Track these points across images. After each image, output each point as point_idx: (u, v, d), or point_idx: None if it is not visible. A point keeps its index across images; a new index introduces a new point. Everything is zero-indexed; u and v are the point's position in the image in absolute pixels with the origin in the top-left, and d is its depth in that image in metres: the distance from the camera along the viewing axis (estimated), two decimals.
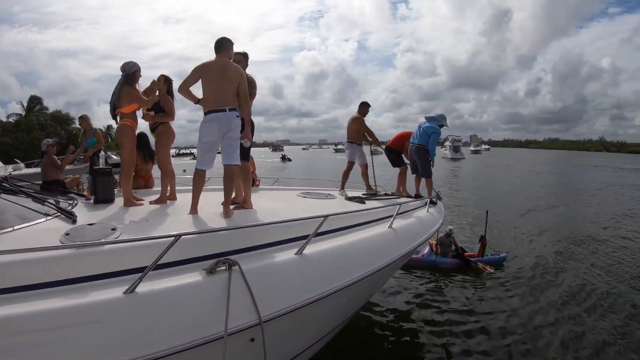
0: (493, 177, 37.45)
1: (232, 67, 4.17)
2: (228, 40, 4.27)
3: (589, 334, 5.78)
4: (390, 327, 6.06)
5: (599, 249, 10.80)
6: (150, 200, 4.73)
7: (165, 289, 2.39)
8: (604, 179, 36.73)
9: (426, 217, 5.51)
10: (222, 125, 4.04)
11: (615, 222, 15.13)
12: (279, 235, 3.37)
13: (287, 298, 2.81)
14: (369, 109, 7.35)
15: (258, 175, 7.58)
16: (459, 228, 12.22)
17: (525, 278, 8.19)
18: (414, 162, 7.14)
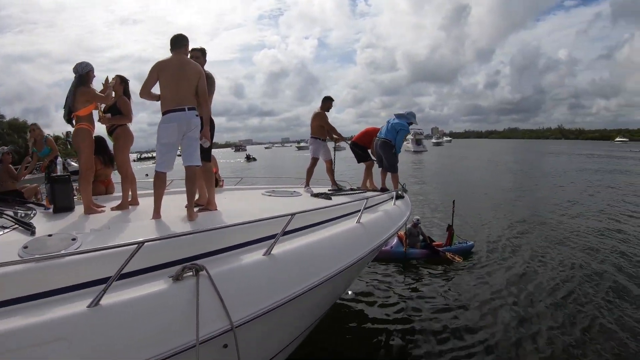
0: (455, 167, 38.52)
1: (190, 65, 4.06)
2: (185, 37, 4.17)
3: (558, 315, 6.01)
4: (362, 321, 6.08)
5: (560, 231, 11.42)
6: (112, 207, 4.58)
7: (131, 299, 2.29)
8: (562, 165, 38.28)
9: (393, 210, 5.52)
10: (181, 125, 3.92)
11: (572, 204, 16.10)
12: (246, 236, 3.31)
13: (258, 300, 2.75)
14: (332, 103, 7.29)
15: (221, 176, 7.49)
16: (426, 218, 12.53)
17: (493, 265, 8.43)
18: (380, 157, 7.18)
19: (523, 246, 9.87)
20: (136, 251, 2.39)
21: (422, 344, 5.35)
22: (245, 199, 5.60)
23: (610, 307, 6.32)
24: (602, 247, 9.79)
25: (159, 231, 3.48)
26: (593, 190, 20.49)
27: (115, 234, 3.34)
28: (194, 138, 4.04)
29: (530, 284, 7.29)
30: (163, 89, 3.99)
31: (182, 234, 2.87)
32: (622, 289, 7.03)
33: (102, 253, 2.50)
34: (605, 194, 18.96)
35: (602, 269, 8.13)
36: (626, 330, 5.57)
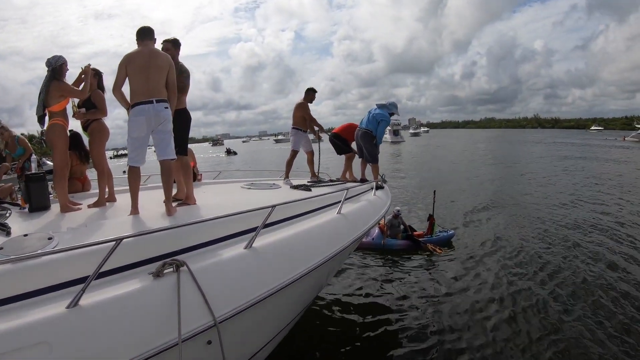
0: (433, 157, 38.97)
1: (160, 55, 3.96)
2: (152, 29, 4.08)
3: (539, 303, 6.10)
4: (345, 312, 6.11)
5: (538, 217, 11.68)
6: (89, 204, 4.48)
7: (111, 298, 2.25)
8: (538, 153, 38.96)
9: (374, 200, 5.53)
10: (150, 118, 3.82)
11: (550, 191, 16.49)
12: (227, 230, 3.28)
13: (241, 295, 2.73)
14: (315, 94, 7.23)
15: (200, 170, 7.42)
16: (406, 208, 12.68)
17: (474, 253, 8.56)
18: (360, 147, 7.18)
19: (502, 233, 10.06)
20: (114, 248, 2.35)
21: (404, 334, 5.40)
22: (224, 192, 5.54)
23: (590, 287, 6.57)
24: (581, 230, 10.14)
25: (138, 227, 3.42)
26: (569, 176, 21.01)
27: (92, 231, 3.28)
28: (166, 131, 3.95)
29: (511, 271, 7.43)
30: (132, 81, 3.88)
31: (161, 229, 2.81)
32: (602, 271, 7.30)
33: (79, 252, 2.42)
34: (581, 180, 19.46)
35: (580, 251, 8.43)
36: (610, 313, 5.74)
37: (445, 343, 5.13)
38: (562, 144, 54.41)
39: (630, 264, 7.66)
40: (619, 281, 6.81)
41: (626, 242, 9.16)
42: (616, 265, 7.58)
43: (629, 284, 6.69)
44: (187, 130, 4.54)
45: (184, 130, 4.50)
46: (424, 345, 5.12)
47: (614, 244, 8.90)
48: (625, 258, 7.98)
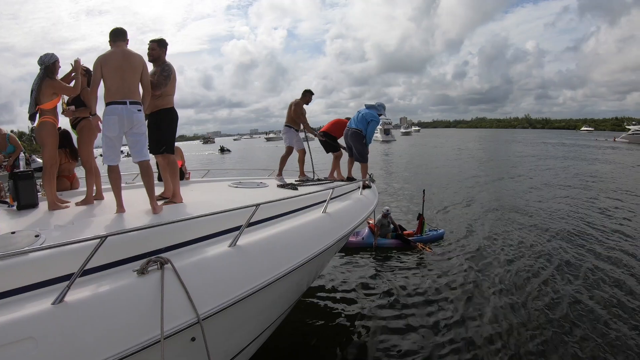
0: (424, 157, 39.16)
1: (134, 56, 4.01)
2: (124, 30, 4.12)
3: (528, 301, 6.22)
4: (334, 311, 6.16)
5: (528, 216, 11.92)
6: (76, 202, 4.50)
7: (96, 295, 2.28)
8: (528, 153, 39.25)
9: (360, 199, 5.59)
10: (122, 119, 3.88)
11: (538, 190, 16.75)
12: (211, 228, 3.31)
13: (224, 292, 2.75)
14: (312, 96, 7.27)
15: (188, 168, 7.44)
16: (396, 208, 12.76)
17: (464, 251, 8.67)
18: (350, 146, 7.21)
19: (492, 231, 10.23)
20: (99, 245, 2.38)
21: (394, 333, 5.46)
22: (212, 191, 5.58)
23: (580, 285, 6.73)
24: (570, 228, 10.39)
25: (124, 225, 3.45)
26: (559, 176, 21.32)
27: (79, 229, 3.31)
28: (140, 134, 4.01)
29: (501, 268, 7.58)
30: (107, 82, 3.92)
31: (145, 227, 2.84)
32: (593, 268, 7.51)
33: (65, 249, 2.46)
34: (570, 180, 19.80)
35: (570, 248, 8.68)
36: (602, 309, 5.91)
37: (436, 341, 5.20)
38: (553, 145, 54.83)
39: (619, 259, 7.92)
40: (610, 276, 7.07)
41: (614, 238, 9.47)
42: (606, 260, 7.88)
43: (618, 279, 6.93)
44: (174, 129, 4.57)
45: (171, 129, 4.53)
46: (414, 343, 5.18)
47: (604, 241, 9.17)
48: (615, 254, 8.25)
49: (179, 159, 7.15)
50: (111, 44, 4.06)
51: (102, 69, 3.89)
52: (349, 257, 8.57)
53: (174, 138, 4.59)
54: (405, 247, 9.06)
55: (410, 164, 31.24)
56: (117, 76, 3.88)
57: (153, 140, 4.46)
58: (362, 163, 7.10)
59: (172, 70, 4.46)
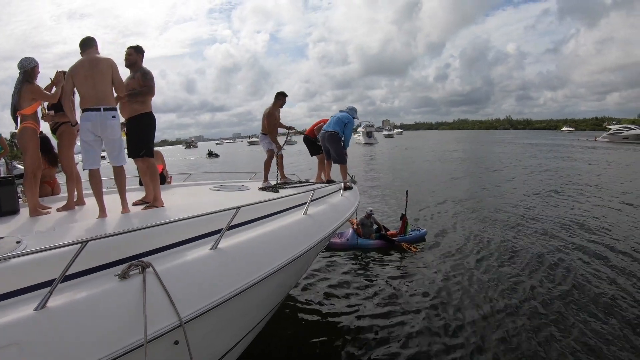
0: (406, 158, 39.50)
1: (100, 61, 4.07)
2: (93, 38, 4.24)
3: (512, 299, 6.31)
4: (318, 312, 6.19)
5: (509, 215, 12.13)
6: (58, 208, 4.51)
7: (78, 300, 2.29)
8: (509, 154, 39.78)
9: (341, 201, 5.62)
10: (95, 125, 3.97)
11: (519, 190, 16.98)
12: (193, 231, 3.32)
13: (206, 295, 2.77)
14: (286, 98, 7.18)
15: (169, 172, 7.43)
16: (379, 208, 12.84)
17: (446, 250, 8.80)
18: (327, 149, 7.21)
19: (475, 231, 10.40)
20: (80, 251, 2.38)
21: (376, 332, 5.51)
22: (193, 194, 5.60)
23: (559, 283, 6.84)
24: (552, 227, 10.59)
25: (105, 229, 3.47)
26: (541, 176, 21.66)
27: (61, 234, 3.31)
28: (114, 139, 4.11)
29: (484, 267, 7.69)
30: (79, 90, 4.04)
31: (126, 231, 2.85)
32: (570, 267, 7.64)
33: (47, 254, 2.47)
34: (552, 179, 20.16)
35: (553, 247, 8.83)
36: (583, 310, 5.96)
37: (421, 342, 5.24)
38: (535, 145, 55.68)
39: (601, 258, 8.06)
40: (592, 273, 7.22)
41: (596, 235, 9.72)
42: (588, 258, 8.02)
43: (600, 276, 7.09)
44: (152, 133, 4.61)
45: (149, 133, 4.57)
46: (398, 342, 5.24)
47: (586, 239, 9.37)
48: (596, 252, 8.40)
49: (159, 164, 7.13)
50: (81, 53, 4.14)
51: (73, 79, 4.02)
52: (333, 258, 8.62)
53: (153, 142, 4.63)
54: (389, 247, 9.13)
55: (392, 166, 31.47)
56: (87, 84, 3.97)
57: (133, 144, 4.52)
58: (341, 164, 7.10)
59: (148, 75, 4.52)
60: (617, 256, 8.09)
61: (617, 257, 8.02)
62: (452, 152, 46.59)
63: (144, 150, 4.44)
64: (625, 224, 10.81)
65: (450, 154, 43.58)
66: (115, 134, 4.08)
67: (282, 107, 7.19)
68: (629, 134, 60.31)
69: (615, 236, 9.62)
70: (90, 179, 4.06)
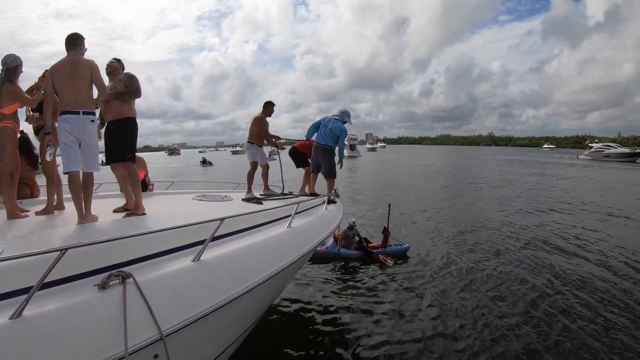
0: (389, 171, 39.83)
1: (81, 63, 4.00)
2: (79, 36, 4.13)
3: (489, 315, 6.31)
4: (298, 323, 6.16)
5: (491, 230, 12.28)
6: (37, 211, 4.40)
7: (56, 309, 2.22)
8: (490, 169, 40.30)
9: (325, 214, 5.63)
10: (74, 129, 3.90)
11: (501, 205, 17.28)
12: (175, 242, 3.27)
13: (188, 308, 2.71)
14: (274, 107, 7.14)
15: (151, 180, 7.35)
16: (363, 221, 12.89)
17: (427, 266, 8.78)
18: (318, 162, 7.14)
19: (456, 246, 10.46)
20: (59, 258, 2.31)
21: (353, 345, 5.48)
22: (175, 203, 5.52)
23: (544, 297, 6.92)
24: (533, 242, 10.75)
25: (85, 237, 3.38)
26: (522, 192, 21.96)
27: (39, 240, 3.24)
28: (91, 145, 4.03)
29: (463, 283, 7.69)
30: (59, 92, 3.97)
31: (107, 240, 2.78)
32: (550, 278, 7.82)
33: (24, 261, 2.37)
34: (532, 195, 20.64)
35: (532, 262, 8.94)
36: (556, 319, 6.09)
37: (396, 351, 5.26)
38: (518, 162, 56.48)
39: (582, 274, 8.16)
40: (572, 291, 7.25)
41: (578, 251, 9.89)
42: (568, 275, 8.07)
43: (580, 292, 7.16)
44: (135, 138, 4.57)
45: (132, 138, 4.53)
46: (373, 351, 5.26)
47: (568, 256, 9.48)
48: (578, 269, 8.50)
49: (142, 170, 7.05)
50: (66, 51, 4.06)
51: (53, 80, 3.93)
52: (313, 266, 8.64)
53: (135, 147, 4.61)
54: (367, 258, 9.16)
55: (375, 179, 31.68)
56: (67, 86, 3.91)
57: (118, 148, 4.46)
58: (330, 179, 7.06)
59: (134, 80, 4.51)
60: (598, 269, 8.34)
61: (598, 269, 8.28)
62: (435, 166, 47.10)
63: (130, 154, 4.40)
64: (608, 237, 11.27)
65: (433, 168, 44.07)
66: (92, 139, 4.02)
67: (270, 116, 7.15)
68: (610, 152, 61.79)
69: (597, 249, 9.96)
70: (70, 183, 3.95)
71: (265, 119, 7.03)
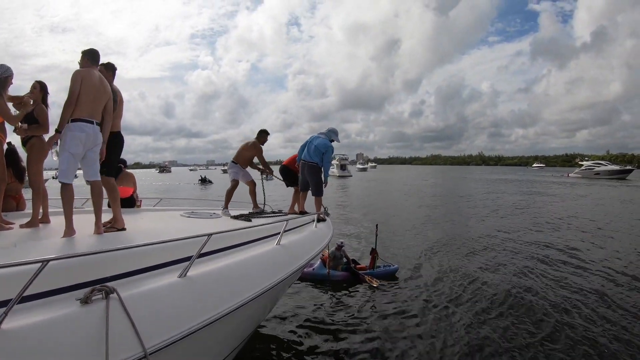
0: (380, 192, 39.84)
1: (106, 83, 4.07)
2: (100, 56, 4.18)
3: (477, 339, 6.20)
4: (284, 343, 6.06)
5: (481, 251, 12.25)
6: (21, 224, 4.32)
7: (36, 323, 2.14)
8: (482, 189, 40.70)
9: (315, 232, 5.58)
10: (88, 137, 3.88)
11: (491, 225, 17.26)
12: (161, 258, 3.19)
13: (173, 325, 2.64)
14: (268, 136, 7.30)
15: (139, 196, 7.29)
16: (352, 241, 12.84)
17: (416, 288, 8.65)
18: (305, 180, 7.13)
19: (446, 266, 10.36)
20: (40, 270, 2.24)
21: None
22: (163, 219, 5.45)
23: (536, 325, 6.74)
24: (524, 265, 10.57)
25: (69, 250, 3.33)
26: (508, 211, 22.19)
27: (21, 252, 3.15)
28: (97, 153, 4.05)
29: (452, 306, 7.56)
30: (81, 96, 3.86)
31: (91, 253, 2.71)
32: (540, 299, 7.78)
33: (3, 272, 2.30)
34: (520, 214, 20.81)
35: (522, 284, 8.83)
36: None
37: None
38: (508, 181, 57.18)
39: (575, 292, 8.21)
40: (564, 310, 7.24)
41: (572, 269, 10.00)
42: (563, 296, 8.03)
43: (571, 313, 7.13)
44: (119, 153, 4.59)
45: (116, 153, 4.53)
46: None
47: (560, 278, 9.35)
48: (570, 289, 8.49)
49: (131, 186, 7.00)
50: (88, 63, 4.05)
51: (82, 83, 3.85)
52: (299, 287, 8.57)
53: (117, 162, 4.63)
54: (354, 279, 9.09)
55: (365, 199, 31.70)
56: (91, 95, 3.88)
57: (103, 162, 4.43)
58: (318, 196, 7.03)
59: (117, 95, 4.48)
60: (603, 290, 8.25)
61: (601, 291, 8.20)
62: (425, 186, 47.33)
63: (106, 169, 4.38)
64: (600, 253, 11.57)
65: (423, 188, 44.22)
66: (98, 149, 4.05)
67: (264, 144, 7.28)
68: (600, 170, 62.73)
69: (589, 264, 10.16)
70: (64, 193, 3.88)
71: (261, 147, 7.16)
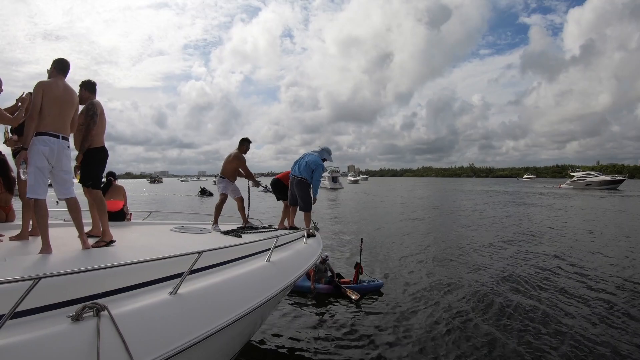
0: (370, 204, 39.70)
1: (73, 93, 4.05)
2: (69, 64, 4.13)
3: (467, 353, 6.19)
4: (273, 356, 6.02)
5: (469, 265, 12.07)
6: (10, 237, 4.30)
7: (27, 340, 2.14)
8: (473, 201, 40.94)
9: (304, 248, 5.60)
10: (52, 152, 3.82)
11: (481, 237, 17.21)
12: (152, 274, 3.21)
13: (164, 342, 2.65)
14: (250, 144, 7.25)
15: (130, 209, 7.26)
16: (338, 254, 12.77)
17: (400, 304, 8.54)
18: (294, 195, 7.17)
19: (434, 281, 10.27)
20: (32, 287, 2.26)
21: None
22: (153, 234, 5.43)
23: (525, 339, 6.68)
24: (514, 278, 10.52)
25: (59, 265, 3.32)
26: (499, 223, 22.22)
27: (11, 267, 3.16)
28: (66, 171, 3.98)
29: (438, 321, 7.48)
30: (44, 109, 3.82)
31: (83, 271, 2.69)
32: (533, 315, 7.71)
33: None
34: (510, 226, 20.84)
35: (511, 297, 8.79)
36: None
37: None
38: (499, 193, 57.28)
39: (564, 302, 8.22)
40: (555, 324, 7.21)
41: (562, 277, 10.13)
42: (551, 310, 8.01)
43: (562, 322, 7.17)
44: (103, 167, 4.57)
45: (99, 167, 4.51)
46: None
47: (552, 293, 9.28)
48: (560, 298, 8.57)
49: (121, 199, 6.97)
50: (52, 72, 4.03)
51: (43, 96, 3.81)
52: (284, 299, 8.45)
53: (101, 175, 4.59)
54: (335, 292, 9.05)
55: (356, 211, 31.62)
56: (55, 107, 3.84)
57: (82, 176, 4.44)
58: (307, 212, 7.06)
59: (97, 108, 4.44)
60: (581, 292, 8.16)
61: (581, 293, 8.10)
62: (416, 199, 47.30)
63: (91, 182, 4.40)
64: (595, 262, 11.74)
65: (415, 200, 44.19)
66: (68, 164, 3.99)
67: (246, 153, 7.23)
68: (592, 180, 63.44)
69: (582, 275, 10.20)
70: (37, 211, 3.80)
71: (244, 157, 7.13)
